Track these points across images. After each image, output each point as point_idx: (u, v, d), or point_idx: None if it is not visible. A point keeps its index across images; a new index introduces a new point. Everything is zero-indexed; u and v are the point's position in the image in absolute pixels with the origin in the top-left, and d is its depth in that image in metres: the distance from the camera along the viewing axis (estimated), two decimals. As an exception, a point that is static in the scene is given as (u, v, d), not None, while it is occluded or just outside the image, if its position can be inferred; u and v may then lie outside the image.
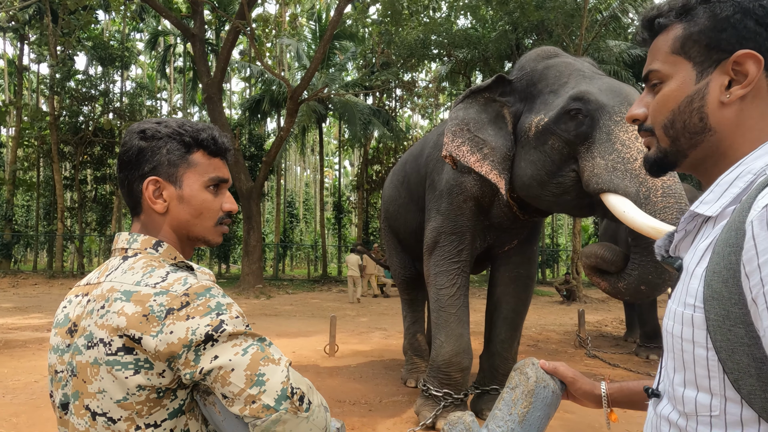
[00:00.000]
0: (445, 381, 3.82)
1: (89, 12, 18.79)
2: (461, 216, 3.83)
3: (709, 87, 0.73)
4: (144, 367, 0.86)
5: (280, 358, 0.89)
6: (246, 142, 22.10)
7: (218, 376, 0.84)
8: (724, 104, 0.72)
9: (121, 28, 27.23)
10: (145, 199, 0.99)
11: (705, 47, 0.73)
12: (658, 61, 0.78)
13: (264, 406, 0.83)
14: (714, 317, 0.64)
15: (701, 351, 0.67)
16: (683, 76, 0.75)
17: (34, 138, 21.75)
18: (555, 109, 3.00)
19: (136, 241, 0.98)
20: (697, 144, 0.75)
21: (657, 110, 0.78)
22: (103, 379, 0.87)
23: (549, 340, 8.02)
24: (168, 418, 0.89)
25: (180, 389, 0.90)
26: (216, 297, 0.89)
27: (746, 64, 0.70)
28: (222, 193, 1.06)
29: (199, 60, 15.36)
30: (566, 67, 3.20)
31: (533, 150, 3.13)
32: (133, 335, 0.85)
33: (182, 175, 1.00)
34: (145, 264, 0.93)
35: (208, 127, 1.04)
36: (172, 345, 0.84)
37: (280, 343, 7.21)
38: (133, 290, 0.89)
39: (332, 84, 20.75)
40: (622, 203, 2.64)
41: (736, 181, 0.69)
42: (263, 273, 17.62)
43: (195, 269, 0.94)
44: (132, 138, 1.00)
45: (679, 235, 0.78)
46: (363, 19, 17.83)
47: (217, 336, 0.85)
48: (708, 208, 0.71)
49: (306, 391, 0.88)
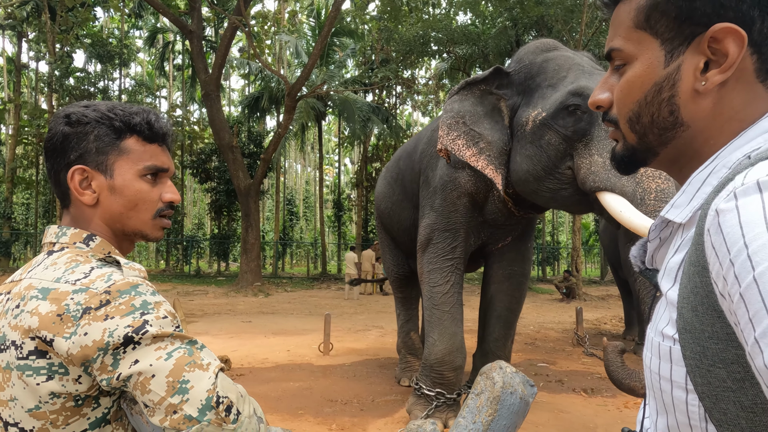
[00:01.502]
0: (438, 380, 3.76)
1: (87, 9, 18.75)
2: (455, 212, 3.77)
3: (681, 71, 0.59)
4: (58, 372, 0.78)
5: (209, 364, 0.80)
6: (245, 139, 22.04)
7: (137, 382, 0.76)
8: (699, 93, 0.58)
9: (120, 26, 27.16)
10: (72, 190, 0.91)
11: (674, 20, 0.59)
12: (620, 38, 0.64)
13: (186, 417, 0.75)
14: (690, 354, 0.52)
15: (680, 393, 0.55)
16: (649, 58, 0.61)
17: (32, 136, 21.70)
18: (553, 104, 2.94)
19: (65, 235, 0.90)
20: (667, 141, 0.62)
21: (621, 100, 0.65)
22: (15, 386, 0.80)
23: (547, 338, 7.95)
24: (89, 428, 0.82)
25: (103, 396, 0.83)
26: (143, 295, 0.81)
27: (725, 42, 0.55)
28: (162, 183, 0.96)
29: (197, 57, 15.30)
30: (565, 61, 3.14)
31: (530, 145, 3.07)
32: (44, 337, 0.77)
33: (113, 163, 0.91)
34: (70, 259, 0.85)
35: (142, 110, 0.94)
36: (85, 348, 0.76)
37: (275, 341, 7.16)
38: (51, 287, 0.81)
39: (331, 81, 20.70)
40: (618, 202, 2.60)
41: (709, 178, 0.57)
42: (262, 271, 17.59)
43: (122, 264, 0.86)
44: (57, 124, 0.91)
45: (652, 244, 0.66)
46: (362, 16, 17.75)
47: (139, 338, 0.77)
48: (678, 213, 0.59)
49: (235, 400, 0.79)
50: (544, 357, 6.48)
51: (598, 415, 4.09)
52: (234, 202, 21.52)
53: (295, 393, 4.60)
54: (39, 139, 21.32)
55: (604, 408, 4.24)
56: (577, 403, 4.45)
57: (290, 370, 5.47)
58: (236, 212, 22.58)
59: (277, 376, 5.15)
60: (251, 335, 7.63)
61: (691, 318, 0.52)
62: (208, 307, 11.43)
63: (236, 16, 13.82)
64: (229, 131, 15.55)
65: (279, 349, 6.59)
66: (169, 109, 27.31)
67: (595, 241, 29.65)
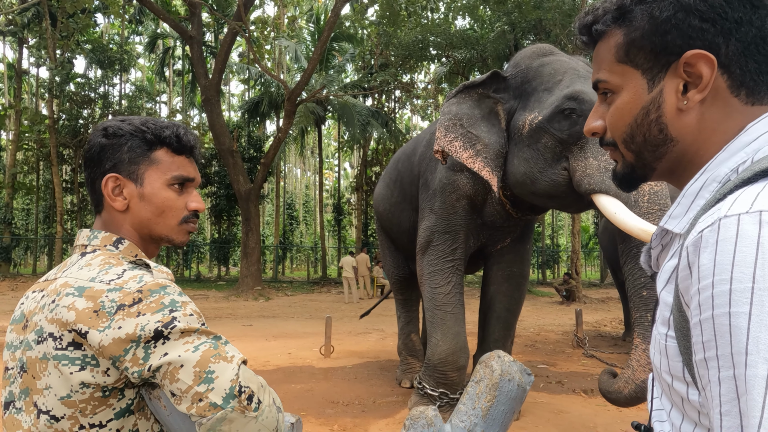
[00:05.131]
0: (441, 380, 3.79)
1: (88, 15, 18.84)
2: (454, 215, 3.81)
3: (664, 94, 0.67)
4: (90, 363, 0.84)
5: (233, 356, 0.86)
6: (245, 143, 22.08)
7: (167, 372, 0.82)
8: (683, 111, 0.66)
9: (120, 31, 27.26)
10: (105, 196, 0.98)
11: (651, 52, 0.67)
12: (604, 71, 0.72)
13: (211, 404, 0.81)
14: (683, 350, 0.59)
15: (680, 385, 0.61)
16: (634, 87, 0.69)
17: (33, 141, 21.75)
18: (549, 108, 2.99)
19: (96, 238, 0.97)
20: (661, 156, 0.69)
21: (614, 125, 0.72)
22: (50, 375, 0.85)
23: (547, 341, 7.98)
24: (114, 418, 0.87)
25: (128, 388, 0.88)
26: (171, 294, 0.87)
27: (698, 66, 0.63)
28: (188, 192, 1.04)
29: (197, 62, 15.36)
30: (561, 65, 3.19)
31: (526, 148, 3.12)
32: (80, 330, 0.83)
33: (143, 172, 0.99)
34: (103, 261, 0.92)
35: (172, 124, 1.02)
36: (118, 340, 0.82)
37: (276, 344, 7.19)
38: (86, 286, 0.87)
39: (331, 85, 20.75)
40: (613, 204, 2.65)
41: (702, 191, 0.64)
42: (262, 275, 17.60)
43: (152, 267, 0.93)
44: (95, 136, 1.00)
45: (655, 251, 0.73)
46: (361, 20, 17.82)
47: (168, 333, 0.83)
48: (676, 224, 0.66)
49: (256, 390, 0.85)
50: (544, 358, 6.51)
51: (597, 415, 4.12)
52: (234, 207, 21.55)
53: (297, 395, 4.63)
54: (39, 145, 21.37)
55: (604, 408, 4.27)
56: (576, 403, 4.48)
57: (292, 372, 5.50)
58: (236, 216, 22.60)
59: (279, 379, 5.18)
60: (252, 339, 7.65)
61: (678, 317, 0.59)
62: (209, 311, 11.45)
63: (236, 22, 13.89)
64: (229, 136, 15.61)
65: (280, 352, 6.62)
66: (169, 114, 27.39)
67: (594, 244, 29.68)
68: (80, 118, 21.12)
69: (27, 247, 26.31)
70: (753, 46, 0.63)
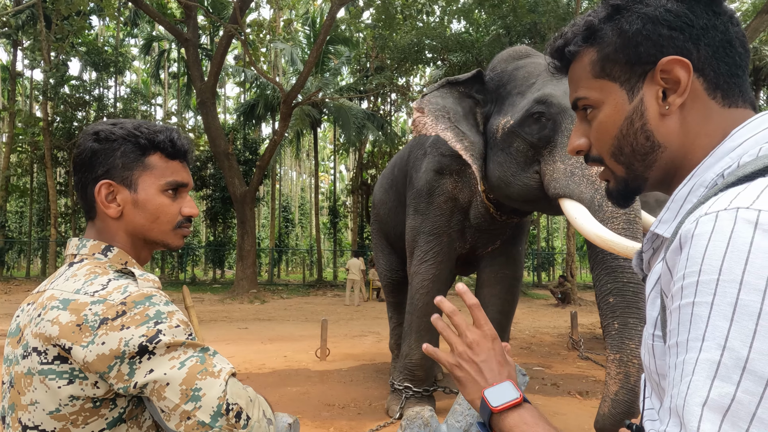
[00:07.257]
0: (408, 376, 4.03)
1: (83, 17, 18.78)
2: (440, 216, 3.83)
3: (645, 102, 0.68)
4: (78, 377, 0.83)
5: (220, 370, 0.84)
6: (241, 146, 22.05)
7: (153, 389, 0.81)
8: (665, 116, 0.67)
9: (115, 34, 27.19)
10: (99, 203, 0.96)
11: (626, 64, 0.69)
12: (582, 89, 0.73)
13: (199, 423, 0.80)
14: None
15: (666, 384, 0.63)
16: (614, 99, 0.70)
17: (27, 144, 21.65)
18: (520, 112, 3.00)
19: (85, 247, 0.95)
20: (651, 164, 0.70)
21: (600, 140, 0.73)
22: (36, 390, 0.84)
23: (542, 343, 8.00)
24: (107, 428, 0.86)
25: (119, 398, 0.87)
26: (156, 305, 0.85)
27: (674, 71, 0.65)
28: (181, 197, 1.02)
29: (193, 65, 15.34)
30: (535, 68, 3.18)
31: (500, 152, 3.13)
32: (64, 345, 0.82)
33: (137, 178, 0.97)
34: (89, 271, 0.90)
35: (166, 128, 1.00)
36: (102, 356, 0.80)
37: (272, 347, 7.17)
38: (71, 298, 0.85)
39: (327, 88, 20.75)
40: (575, 209, 2.64)
41: (690, 196, 0.65)
42: (258, 278, 17.56)
43: (138, 276, 0.90)
44: (86, 140, 0.97)
45: (647, 255, 0.74)
46: (357, 24, 17.85)
47: (153, 347, 0.81)
48: (666, 229, 0.67)
49: (244, 406, 0.83)
50: (539, 361, 6.52)
51: (592, 417, 4.11)
52: (229, 210, 21.50)
53: (293, 398, 4.63)
54: (33, 148, 21.27)
55: (599, 410, 4.28)
56: (572, 405, 4.50)
57: (287, 375, 5.49)
58: (232, 219, 22.55)
59: (275, 382, 5.17)
60: (248, 342, 7.63)
61: (663, 317, 0.61)
62: (204, 314, 11.40)
63: (232, 25, 13.88)
64: (225, 139, 15.58)
65: (276, 355, 6.60)
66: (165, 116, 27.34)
67: (589, 246, 29.68)
68: (75, 121, 21.02)
69: (20, 251, 26.13)
70: (721, 49, 0.66)
